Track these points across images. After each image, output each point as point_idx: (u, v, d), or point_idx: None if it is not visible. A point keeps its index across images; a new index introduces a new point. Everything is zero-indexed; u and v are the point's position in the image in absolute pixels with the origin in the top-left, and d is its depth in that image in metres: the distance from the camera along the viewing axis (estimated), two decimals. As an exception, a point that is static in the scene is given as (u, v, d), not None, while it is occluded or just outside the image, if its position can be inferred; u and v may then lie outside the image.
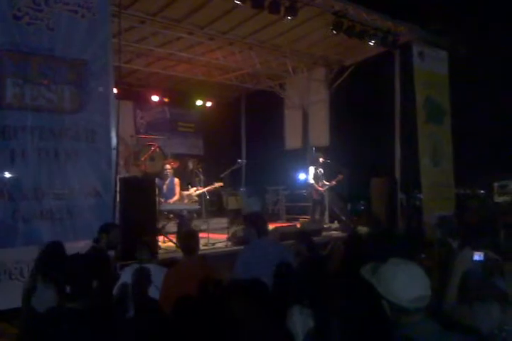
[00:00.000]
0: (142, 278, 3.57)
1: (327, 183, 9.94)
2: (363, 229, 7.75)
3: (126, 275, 3.87)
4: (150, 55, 10.48)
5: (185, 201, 8.46)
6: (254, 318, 2.42)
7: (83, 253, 3.34)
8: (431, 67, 10.31)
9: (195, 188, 8.70)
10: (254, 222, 4.15)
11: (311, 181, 9.80)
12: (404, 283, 1.91)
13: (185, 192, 8.56)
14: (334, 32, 8.71)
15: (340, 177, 9.92)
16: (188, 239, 4.21)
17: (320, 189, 9.76)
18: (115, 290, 3.68)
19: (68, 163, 5.29)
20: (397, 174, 10.05)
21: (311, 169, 9.84)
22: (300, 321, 2.28)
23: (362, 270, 2.09)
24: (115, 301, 3.41)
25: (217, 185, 8.87)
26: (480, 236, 3.68)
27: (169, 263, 4.71)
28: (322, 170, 9.96)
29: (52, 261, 3.39)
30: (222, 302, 2.68)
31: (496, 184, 12.75)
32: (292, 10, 7.94)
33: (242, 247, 6.82)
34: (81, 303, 2.51)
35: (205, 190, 8.72)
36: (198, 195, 8.68)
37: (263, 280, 2.71)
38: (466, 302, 2.43)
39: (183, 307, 3.08)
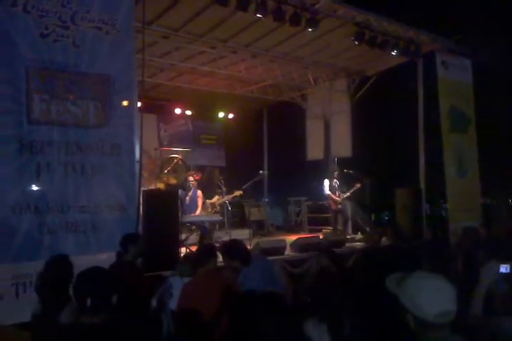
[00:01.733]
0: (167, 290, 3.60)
1: (344, 194, 9.90)
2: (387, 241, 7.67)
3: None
4: (173, 69, 10.65)
5: (209, 210, 8.55)
6: (278, 331, 2.40)
7: (107, 266, 3.38)
8: (455, 76, 10.21)
9: (217, 197, 8.78)
10: (236, 254, 3.86)
11: (327, 192, 9.80)
12: (430, 297, 1.87)
13: (209, 201, 8.66)
14: (356, 43, 8.72)
15: (357, 186, 9.88)
16: (200, 251, 4.22)
17: (337, 199, 9.74)
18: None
19: (93, 177, 5.37)
20: (422, 184, 9.92)
21: (326, 181, 9.86)
22: (315, 336, 2.26)
23: (387, 280, 2.06)
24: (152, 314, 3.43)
25: (237, 193, 8.93)
26: (506, 248, 3.60)
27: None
28: (338, 182, 9.94)
29: (59, 275, 3.42)
30: (247, 315, 2.66)
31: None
32: (313, 22, 7.99)
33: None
34: (101, 318, 2.51)
35: (225, 199, 8.78)
36: (221, 205, 8.75)
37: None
38: (491, 315, 2.38)
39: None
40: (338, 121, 12.31)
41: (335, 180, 9.88)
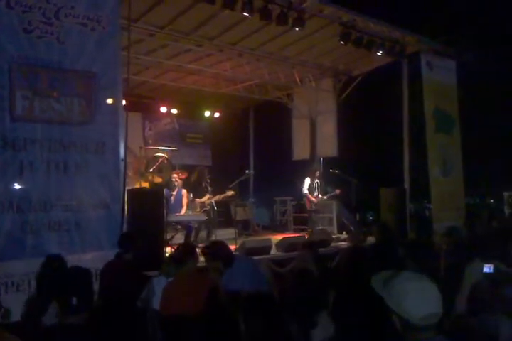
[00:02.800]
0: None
1: (322, 197, 9.91)
2: (372, 239, 7.70)
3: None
4: (159, 67, 10.56)
5: (198, 209, 8.46)
6: (264, 329, 2.39)
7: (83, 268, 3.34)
8: (439, 77, 10.31)
9: (207, 196, 8.70)
10: (219, 255, 3.89)
11: (305, 191, 9.79)
12: (417, 300, 1.87)
13: (199, 200, 8.60)
14: (342, 43, 8.74)
15: (336, 191, 9.92)
16: (181, 250, 4.19)
17: (313, 199, 9.74)
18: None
19: (77, 175, 5.31)
20: (407, 184, 9.99)
21: (307, 180, 9.85)
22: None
23: (373, 280, 2.06)
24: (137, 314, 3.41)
25: (229, 193, 8.88)
26: (490, 248, 3.64)
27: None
28: (319, 183, 9.95)
29: (53, 275, 3.38)
30: (233, 314, 2.66)
31: (506, 193, 12.63)
32: (300, 21, 7.99)
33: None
34: (83, 317, 2.50)
35: (216, 198, 8.73)
36: (210, 204, 8.72)
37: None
38: (475, 314, 2.39)
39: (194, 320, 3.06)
40: (324, 120, 12.35)
41: (316, 180, 9.89)
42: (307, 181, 9.82)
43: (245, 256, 4.67)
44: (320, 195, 9.89)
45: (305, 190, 9.80)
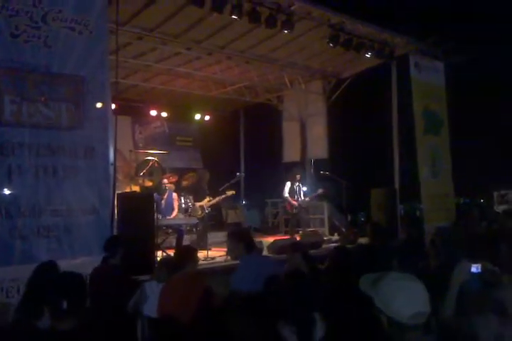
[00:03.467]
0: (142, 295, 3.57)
1: (304, 198, 9.91)
2: (364, 240, 7.74)
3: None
4: (148, 70, 10.56)
5: (199, 213, 8.51)
6: (252, 332, 2.39)
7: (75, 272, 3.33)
8: (428, 78, 10.37)
9: (207, 199, 8.66)
10: (243, 238, 4.11)
11: (286, 195, 9.81)
12: (404, 300, 1.89)
13: (198, 203, 8.56)
14: (331, 45, 8.79)
15: (320, 191, 9.93)
16: (180, 253, 4.20)
17: (294, 203, 9.75)
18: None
19: (66, 180, 5.27)
20: (397, 185, 10.04)
21: (288, 184, 9.87)
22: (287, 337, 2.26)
23: (361, 281, 2.07)
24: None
25: (229, 193, 8.86)
26: (478, 248, 3.66)
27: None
28: (301, 186, 9.96)
29: (45, 281, 3.36)
30: (222, 317, 2.65)
31: (495, 193, 12.74)
32: (288, 24, 8.01)
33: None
34: (73, 322, 2.48)
35: (217, 200, 8.71)
36: (211, 206, 8.69)
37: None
38: (463, 314, 2.41)
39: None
40: (314, 122, 12.40)
41: (297, 184, 9.90)
42: (288, 185, 9.85)
43: (266, 257, 4.64)
44: (302, 197, 9.89)
45: (285, 193, 9.83)
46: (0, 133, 4.92)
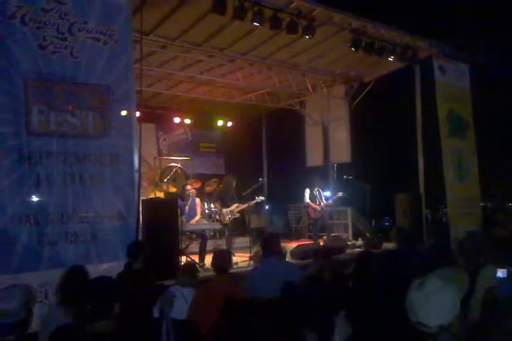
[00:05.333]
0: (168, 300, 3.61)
1: (326, 202, 9.84)
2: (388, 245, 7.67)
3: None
4: (171, 78, 10.70)
5: (227, 218, 8.54)
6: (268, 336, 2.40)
7: (108, 276, 3.38)
8: (452, 81, 10.25)
9: (236, 204, 8.65)
10: (262, 242, 4.17)
11: (307, 201, 9.75)
12: (430, 312, 1.92)
13: (227, 209, 8.57)
14: (353, 49, 8.76)
15: (339, 194, 9.85)
16: (218, 257, 4.25)
17: (316, 207, 9.68)
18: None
19: (93, 187, 5.38)
20: (422, 189, 9.92)
21: (307, 190, 9.80)
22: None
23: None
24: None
25: (258, 199, 8.86)
26: (504, 252, 3.60)
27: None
28: (320, 190, 9.90)
29: (74, 284, 3.44)
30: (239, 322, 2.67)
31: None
32: (310, 29, 8.02)
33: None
34: (102, 325, 2.54)
35: (246, 205, 8.73)
36: (239, 211, 8.70)
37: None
38: (489, 319, 2.38)
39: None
40: (337, 127, 12.36)
41: (316, 188, 9.84)
42: (307, 191, 9.80)
43: (284, 262, 4.64)
44: (325, 201, 9.83)
45: (307, 199, 9.77)
46: (28, 143, 5.06)
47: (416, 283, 2.05)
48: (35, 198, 5.00)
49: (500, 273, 2.72)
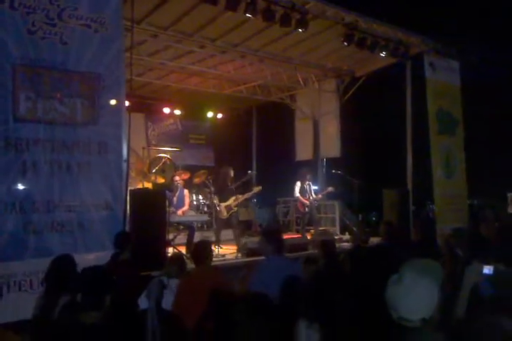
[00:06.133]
0: (158, 290, 3.61)
1: (315, 196, 9.86)
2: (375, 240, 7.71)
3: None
4: (162, 68, 10.60)
5: (225, 214, 8.28)
6: (257, 331, 2.40)
7: (101, 266, 3.35)
8: (442, 78, 10.28)
9: (234, 198, 8.42)
10: (273, 238, 4.08)
11: (297, 194, 9.76)
12: (411, 306, 1.93)
13: (224, 204, 8.36)
14: (345, 44, 8.74)
15: (329, 189, 9.88)
16: (198, 248, 4.24)
17: (305, 201, 9.69)
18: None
19: (80, 176, 5.32)
20: (409, 185, 9.97)
21: (298, 183, 9.81)
22: (305, 336, 2.27)
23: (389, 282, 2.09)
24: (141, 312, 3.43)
25: (256, 189, 8.75)
26: (491, 249, 3.62)
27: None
28: (311, 184, 9.91)
29: (63, 272, 3.41)
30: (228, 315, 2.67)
31: (509, 194, 12.58)
32: (303, 22, 7.98)
33: (252, 259, 6.86)
34: (94, 317, 2.51)
35: (244, 197, 8.64)
36: (237, 205, 8.43)
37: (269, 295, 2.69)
38: (474, 315, 2.40)
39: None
40: (327, 121, 12.36)
41: (307, 182, 9.85)
42: (298, 184, 9.81)
43: (291, 261, 4.62)
44: (314, 196, 9.85)
45: (296, 193, 9.78)
46: (15, 130, 4.98)
47: (393, 277, 2.05)
48: (21, 186, 4.93)
49: (487, 269, 2.74)
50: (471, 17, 13.94)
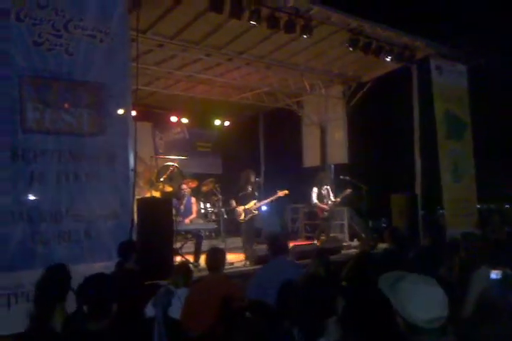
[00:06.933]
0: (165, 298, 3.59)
1: (334, 200, 9.73)
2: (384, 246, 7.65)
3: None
4: (169, 77, 10.66)
5: (242, 216, 8.23)
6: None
7: (107, 274, 3.34)
8: (449, 81, 10.24)
9: (254, 201, 8.34)
10: (270, 242, 4.14)
11: (315, 201, 9.63)
12: (422, 304, 1.88)
13: (246, 207, 8.25)
14: (350, 49, 8.75)
15: (348, 191, 9.73)
16: (212, 255, 4.23)
17: (324, 207, 9.57)
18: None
19: (88, 185, 5.35)
20: (418, 190, 9.90)
21: (315, 189, 9.67)
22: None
23: (381, 280, 2.06)
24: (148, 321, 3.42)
25: (281, 193, 8.52)
26: (499, 254, 3.58)
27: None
28: (329, 188, 9.81)
29: (58, 282, 3.40)
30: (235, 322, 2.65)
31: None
32: (307, 28, 8.01)
33: (261, 266, 6.83)
34: (100, 325, 2.51)
35: (268, 201, 8.56)
36: (257, 209, 8.34)
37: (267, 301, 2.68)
38: (481, 319, 2.37)
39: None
40: (334, 127, 12.34)
41: (325, 187, 9.75)
42: (315, 191, 9.68)
43: (296, 263, 4.61)
44: (333, 199, 9.72)
45: (314, 199, 9.63)
46: (22, 140, 5.02)
47: (393, 278, 2.02)
48: (28, 196, 4.96)
49: (494, 274, 2.71)
50: (478, 19, 13.90)
